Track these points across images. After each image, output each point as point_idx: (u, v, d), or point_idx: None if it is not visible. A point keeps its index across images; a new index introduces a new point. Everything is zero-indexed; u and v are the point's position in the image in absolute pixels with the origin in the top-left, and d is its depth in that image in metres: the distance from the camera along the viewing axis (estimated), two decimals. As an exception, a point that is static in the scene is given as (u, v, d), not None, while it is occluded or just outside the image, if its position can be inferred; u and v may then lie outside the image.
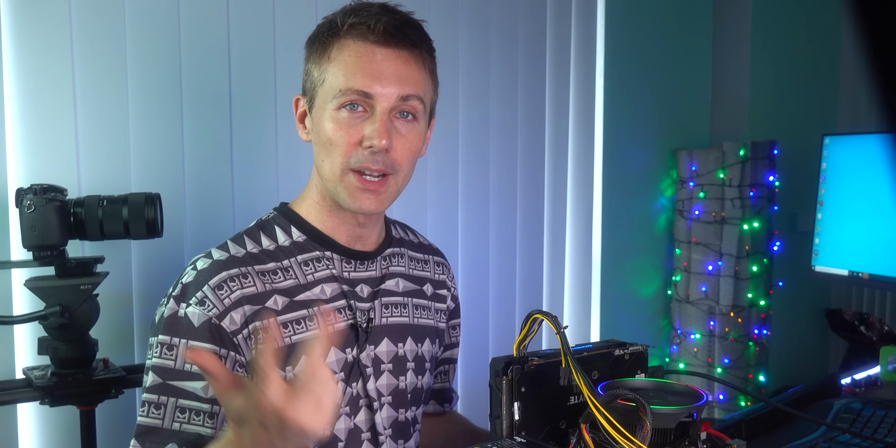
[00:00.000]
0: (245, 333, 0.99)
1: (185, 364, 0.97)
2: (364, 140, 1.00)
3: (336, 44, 1.01)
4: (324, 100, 1.02)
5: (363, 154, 1.00)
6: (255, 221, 1.11)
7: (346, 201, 1.03)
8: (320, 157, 1.03)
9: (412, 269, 1.19)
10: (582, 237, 2.35)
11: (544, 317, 0.81)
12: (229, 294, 0.99)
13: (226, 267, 1.01)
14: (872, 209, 1.99)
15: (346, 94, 0.99)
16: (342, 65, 1.00)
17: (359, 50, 1.00)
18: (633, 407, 0.77)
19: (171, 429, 0.96)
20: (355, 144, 1.00)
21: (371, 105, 1.00)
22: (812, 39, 2.67)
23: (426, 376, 1.17)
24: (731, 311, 2.41)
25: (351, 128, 1.00)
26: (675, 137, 2.55)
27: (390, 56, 1.00)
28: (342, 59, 1.00)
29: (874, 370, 1.58)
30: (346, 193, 1.02)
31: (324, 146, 1.02)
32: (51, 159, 1.49)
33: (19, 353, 1.48)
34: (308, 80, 1.05)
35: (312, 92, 1.04)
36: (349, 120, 1.00)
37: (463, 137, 2.05)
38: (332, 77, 1.00)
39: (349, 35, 1.00)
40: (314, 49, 1.04)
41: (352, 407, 1.06)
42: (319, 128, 1.02)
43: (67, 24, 1.49)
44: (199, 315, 0.97)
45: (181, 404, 0.96)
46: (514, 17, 2.13)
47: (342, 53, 1.00)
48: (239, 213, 1.69)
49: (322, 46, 1.02)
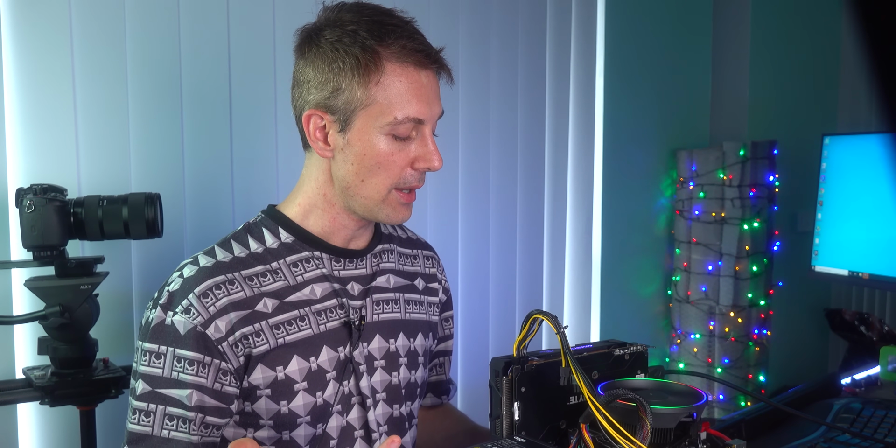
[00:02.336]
0: (231, 341, 1.00)
1: (173, 372, 0.99)
2: (419, 161, 1.04)
3: (383, 67, 0.99)
4: (369, 123, 1.01)
5: (413, 175, 1.05)
6: (242, 225, 1.11)
7: (389, 216, 1.06)
8: (358, 176, 1.03)
9: (402, 264, 1.20)
10: (582, 237, 2.35)
11: (544, 317, 0.81)
12: (214, 302, 0.99)
13: (211, 274, 1.01)
14: (872, 209, 1.99)
15: (403, 123, 1.01)
16: (395, 91, 1.00)
17: (410, 77, 1.01)
18: (633, 407, 0.77)
19: (160, 436, 0.98)
20: (406, 166, 1.04)
21: (419, 127, 1.04)
22: (812, 39, 2.67)
23: (420, 370, 1.17)
24: (731, 311, 2.41)
25: (401, 151, 1.03)
26: (675, 137, 2.55)
27: (430, 78, 1.04)
28: (395, 85, 1.00)
29: (874, 370, 1.58)
30: (390, 210, 1.06)
31: (368, 168, 1.03)
32: (51, 159, 1.49)
33: (19, 353, 1.48)
34: (339, 97, 1.00)
35: (349, 112, 1.01)
36: (399, 143, 1.03)
37: (463, 137, 2.05)
38: (384, 102, 1.00)
39: (397, 59, 1.00)
40: (348, 65, 0.99)
41: (343, 405, 1.07)
42: (362, 150, 1.02)
43: (67, 24, 1.49)
44: (184, 323, 0.98)
45: (169, 412, 0.98)
46: (514, 17, 2.13)
47: (393, 80, 1.00)
48: (239, 213, 1.69)
49: (364, 68, 0.99)
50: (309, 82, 1.03)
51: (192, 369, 0.98)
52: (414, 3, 1.12)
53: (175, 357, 0.98)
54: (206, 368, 0.98)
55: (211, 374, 0.99)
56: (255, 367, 1.01)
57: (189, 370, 0.98)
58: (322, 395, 1.04)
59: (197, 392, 0.98)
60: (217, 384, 0.99)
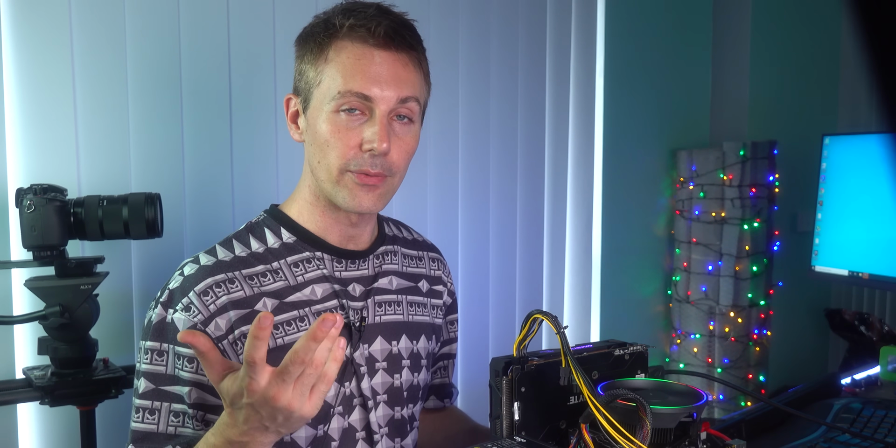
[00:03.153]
0: (230, 339, 1.00)
1: (175, 369, 0.99)
2: (364, 143, 1.00)
3: (334, 45, 1.01)
4: (320, 101, 1.01)
5: (362, 157, 1.00)
6: (245, 224, 1.11)
7: (346, 200, 1.03)
8: (315, 158, 1.03)
9: (406, 266, 1.19)
10: (582, 237, 2.35)
11: (544, 317, 0.81)
12: (214, 300, 1.00)
13: (212, 273, 1.01)
14: (872, 209, 1.99)
15: (344, 96, 0.99)
16: (340, 67, 0.99)
17: (357, 52, 1.00)
18: (633, 407, 0.77)
19: (166, 432, 0.98)
20: (354, 147, 1.00)
21: (370, 108, 1.00)
22: (812, 39, 2.67)
23: (422, 373, 1.17)
24: (731, 311, 2.41)
25: (349, 131, 1.00)
26: (675, 137, 2.55)
27: (389, 59, 1.01)
28: (340, 61, 1.00)
29: (874, 370, 1.58)
30: (346, 192, 1.02)
31: (320, 148, 1.02)
32: (51, 159, 1.49)
33: (19, 353, 1.48)
34: (302, 79, 1.04)
35: (307, 92, 1.03)
36: (347, 122, 1.00)
37: (463, 137, 2.05)
38: (329, 79, 1.00)
39: (348, 37, 1.00)
40: (308, 48, 1.03)
41: (345, 406, 1.07)
42: (315, 129, 1.02)
43: (67, 24, 1.49)
44: (184, 321, 0.99)
45: (174, 408, 0.99)
46: (514, 18, 2.13)
47: (340, 55, 1.00)
48: (239, 213, 1.69)
49: (318, 47, 1.02)
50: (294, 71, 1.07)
51: (191, 367, 0.98)
52: (414, 3, 1.12)
53: (176, 354, 0.99)
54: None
55: None
56: None
57: (188, 367, 0.98)
58: None
59: (196, 389, 0.98)
60: None
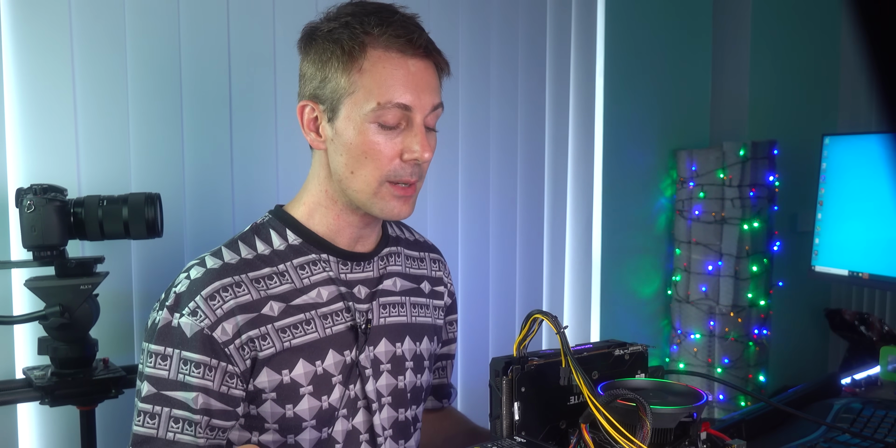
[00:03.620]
0: (237, 344, 0.99)
1: (179, 374, 0.98)
2: (406, 153, 1.01)
3: (368, 54, 0.99)
4: (355, 111, 1.00)
5: (403, 167, 1.02)
6: (249, 225, 1.10)
7: (383, 211, 1.04)
8: (348, 168, 1.02)
9: (409, 267, 1.19)
10: (582, 237, 2.34)
11: (544, 317, 0.81)
12: (221, 304, 0.99)
13: (219, 276, 1.01)
14: (872, 209, 1.99)
15: (384, 107, 0.99)
16: (378, 77, 0.99)
17: (395, 62, 0.99)
18: (633, 407, 0.77)
19: (165, 438, 0.98)
20: (395, 157, 1.01)
21: (408, 117, 1.01)
22: (812, 39, 2.67)
23: (425, 374, 1.17)
24: (731, 311, 2.41)
25: (390, 141, 1.01)
26: (675, 137, 2.55)
27: (421, 67, 1.02)
28: (377, 71, 0.99)
29: (874, 370, 1.58)
30: (384, 203, 1.03)
31: (356, 158, 1.01)
32: (51, 159, 1.49)
33: (19, 353, 1.48)
34: (326, 87, 1.01)
35: (335, 101, 1.01)
36: (386, 133, 1.00)
37: (463, 137, 2.05)
38: (365, 89, 0.99)
39: (383, 46, 0.99)
40: (334, 54, 1.00)
41: (349, 409, 1.07)
42: (348, 139, 1.01)
43: (67, 24, 1.49)
44: (191, 325, 0.98)
45: (175, 414, 0.98)
46: (514, 18, 2.13)
47: (377, 66, 0.99)
48: (239, 214, 1.69)
49: (348, 55, 0.99)
50: (305, 76, 1.05)
51: (198, 372, 0.98)
52: (414, 3, 1.12)
53: (181, 359, 0.98)
54: (212, 371, 0.98)
55: (217, 376, 0.98)
56: (261, 371, 1.00)
57: (195, 373, 0.98)
58: (328, 399, 1.04)
59: (203, 395, 0.98)
60: (223, 387, 0.99)
